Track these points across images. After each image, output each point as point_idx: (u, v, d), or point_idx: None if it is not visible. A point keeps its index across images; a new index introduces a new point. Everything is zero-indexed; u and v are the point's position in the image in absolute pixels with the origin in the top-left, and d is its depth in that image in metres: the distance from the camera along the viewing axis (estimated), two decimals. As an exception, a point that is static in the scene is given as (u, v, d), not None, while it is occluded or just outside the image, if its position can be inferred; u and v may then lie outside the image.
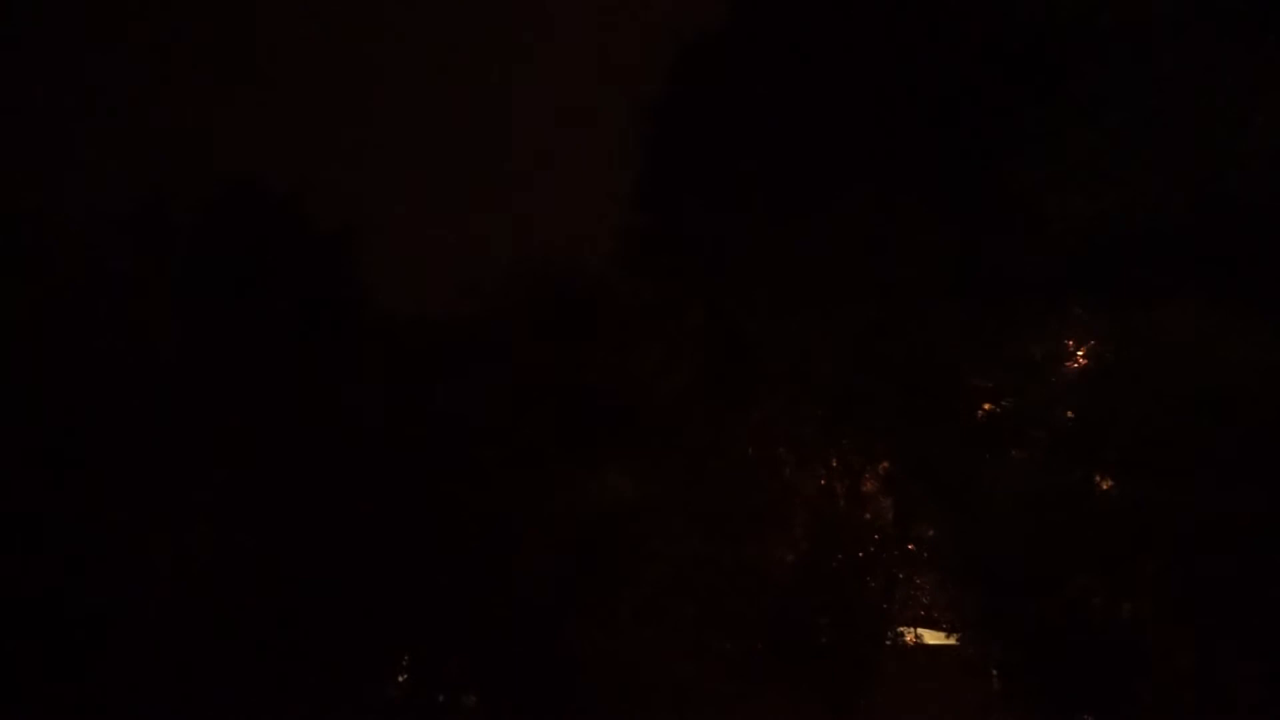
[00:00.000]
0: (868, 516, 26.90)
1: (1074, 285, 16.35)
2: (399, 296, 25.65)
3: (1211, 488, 15.17)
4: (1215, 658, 16.75)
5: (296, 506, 23.89)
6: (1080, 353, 17.55)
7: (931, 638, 28.77)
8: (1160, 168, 15.29)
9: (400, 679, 27.31)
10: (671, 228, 25.09)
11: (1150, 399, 15.43)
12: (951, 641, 28.26)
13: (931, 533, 23.72)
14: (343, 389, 23.79)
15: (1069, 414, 17.63)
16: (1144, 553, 17.35)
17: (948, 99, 19.08)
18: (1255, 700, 16.82)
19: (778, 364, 23.74)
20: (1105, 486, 17.18)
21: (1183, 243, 15.54)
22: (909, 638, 27.94)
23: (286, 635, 24.46)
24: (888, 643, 27.27)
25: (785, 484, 26.92)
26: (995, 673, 25.82)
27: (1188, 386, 15.05)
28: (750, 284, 23.84)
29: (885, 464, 24.90)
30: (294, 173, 24.83)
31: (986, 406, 19.48)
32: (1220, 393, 14.81)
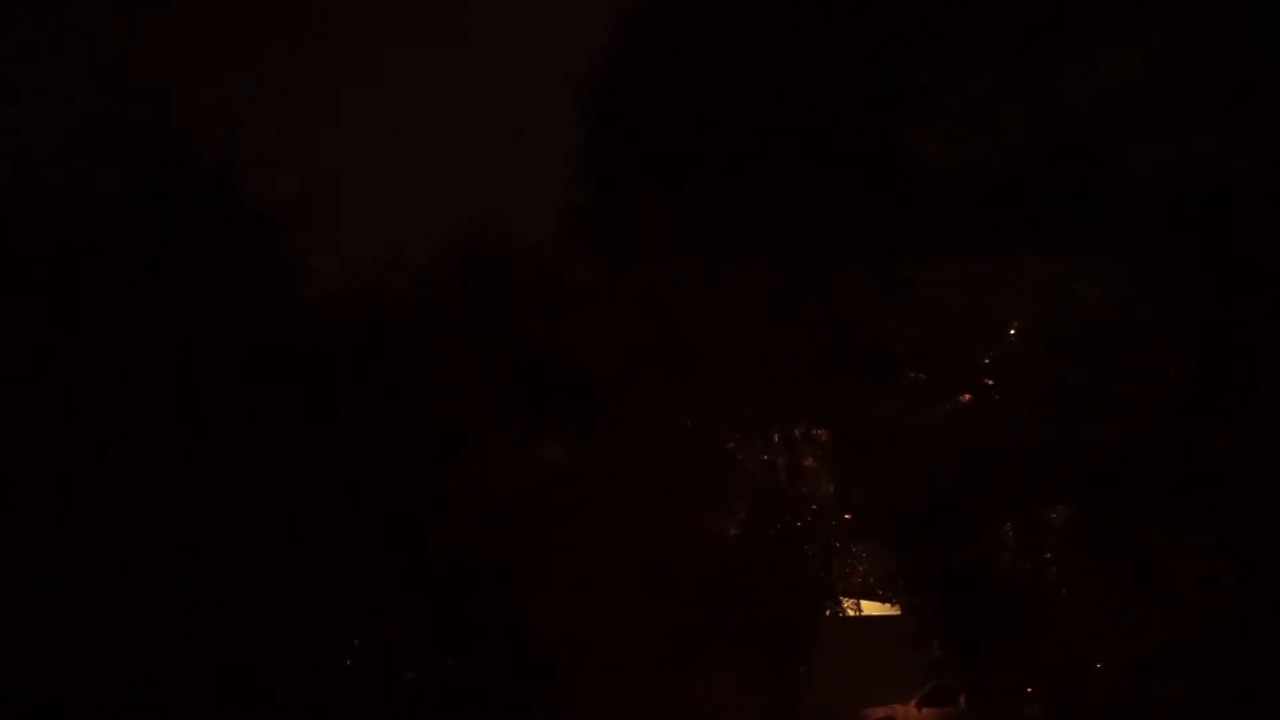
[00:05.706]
0: (805, 490, 27.26)
1: (952, 236, 16.69)
2: (334, 270, 25.84)
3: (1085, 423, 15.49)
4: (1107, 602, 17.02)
5: (234, 486, 23.92)
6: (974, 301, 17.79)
7: (873, 609, 29.04)
8: (1025, 118, 15.69)
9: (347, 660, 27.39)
10: (607, 202, 25.53)
11: (1020, 341, 15.77)
12: (892, 611, 28.52)
13: (854, 492, 23.96)
14: (275, 367, 23.85)
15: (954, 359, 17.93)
16: (1044, 495, 17.64)
17: (844, 67, 19.63)
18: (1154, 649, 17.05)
19: (709, 334, 24.05)
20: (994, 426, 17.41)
21: (1044, 192, 15.94)
22: (849, 609, 28.23)
23: (239, 617, 24.57)
24: (827, 613, 27.55)
25: (725, 456, 27.25)
26: (935, 641, 26.11)
27: (1052, 329, 15.43)
28: (681, 257, 24.22)
29: (816, 430, 25.20)
30: (225, 147, 24.84)
31: (897, 356, 19.78)
32: (1078, 333, 15.21)
